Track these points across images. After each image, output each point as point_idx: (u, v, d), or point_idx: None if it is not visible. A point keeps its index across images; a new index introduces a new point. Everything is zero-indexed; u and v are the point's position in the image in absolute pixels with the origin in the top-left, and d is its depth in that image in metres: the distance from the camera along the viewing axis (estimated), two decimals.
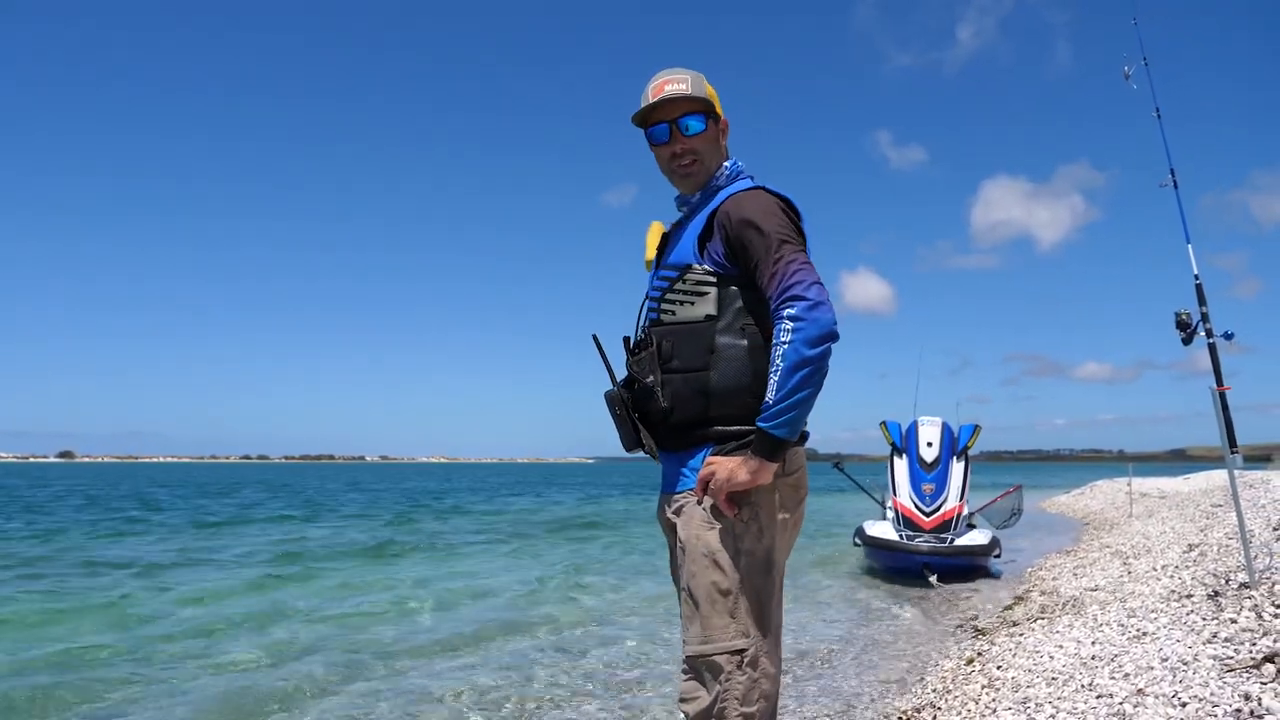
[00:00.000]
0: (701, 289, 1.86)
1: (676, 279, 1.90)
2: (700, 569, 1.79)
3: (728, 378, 1.82)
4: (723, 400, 1.82)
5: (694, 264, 1.88)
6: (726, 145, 2.07)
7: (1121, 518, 16.33)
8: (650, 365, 1.88)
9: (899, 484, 10.68)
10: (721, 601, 1.77)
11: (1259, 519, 7.72)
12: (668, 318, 1.91)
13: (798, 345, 1.67)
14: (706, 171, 2.01)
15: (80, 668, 5.84)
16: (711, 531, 1.80)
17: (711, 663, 1.76)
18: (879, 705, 4.76)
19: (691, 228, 1.95)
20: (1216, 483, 20.55)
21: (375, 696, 5.05)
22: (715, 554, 1.79)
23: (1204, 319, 4.88)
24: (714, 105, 2.01)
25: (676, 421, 1.87)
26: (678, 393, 1.85)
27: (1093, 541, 12.53)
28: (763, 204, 1.84)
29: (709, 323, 1.84)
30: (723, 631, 1.76)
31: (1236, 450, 4.76)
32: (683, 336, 1.86)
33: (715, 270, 1.86)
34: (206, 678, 5.54)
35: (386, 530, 18.26)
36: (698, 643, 1.77)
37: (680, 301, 1.88)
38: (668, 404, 1.86)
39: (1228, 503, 12.01)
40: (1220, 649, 3.67)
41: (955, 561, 9.78)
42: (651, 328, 1.94)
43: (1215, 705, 2.99)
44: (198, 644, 6.58)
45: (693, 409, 1.84)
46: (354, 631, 7.08)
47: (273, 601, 8.66)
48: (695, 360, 1.84)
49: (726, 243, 1.85)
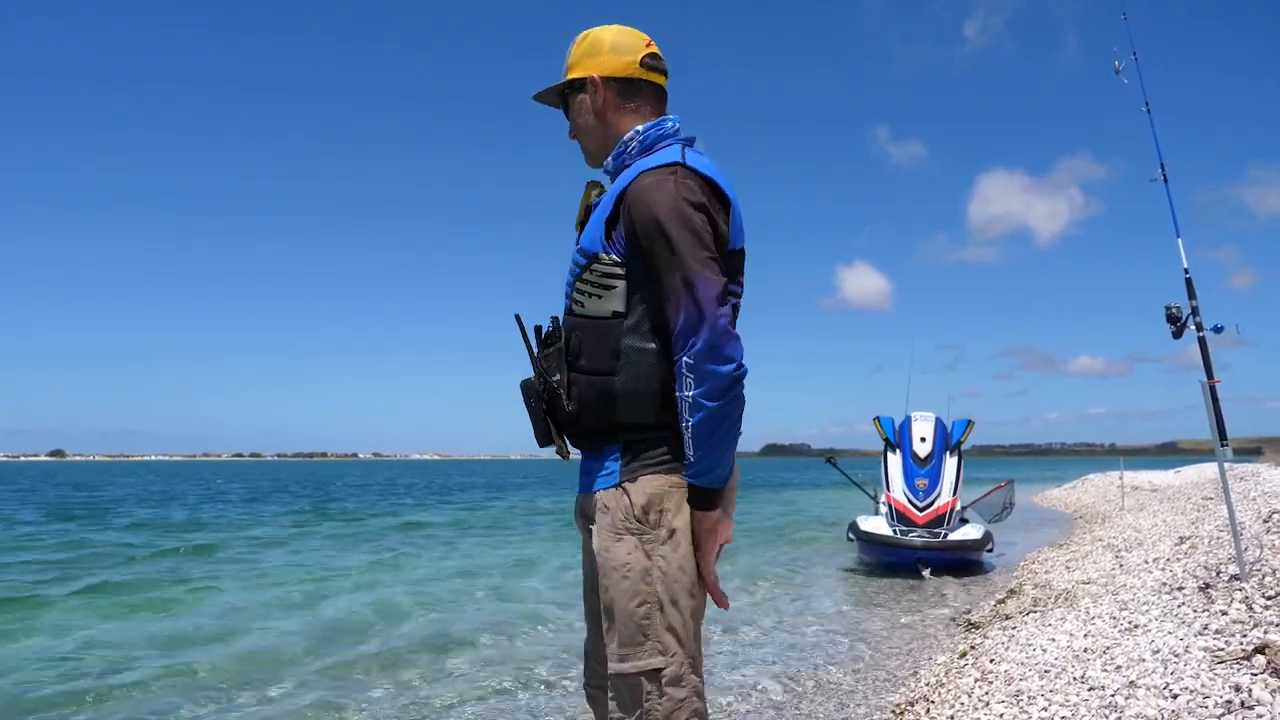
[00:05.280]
0: (609, 282, 1.69)
1: (586, 267, 1.72)
2: (612, 582, 1.65)
3: (633, 382, 1.66)
4: (627, 406, 1.67)
5: (601, 253, 1.69)
6: (642, 106, 1.81)
7: (1113, 511, 16.41)
8: (558, 363, 1.73)
9: (892, 479, 10.71)
10: (633, 616, 1.63)
11: (1249, 511, 7.77)
12: (578, 309, 1.74)
13: (701, 400, 1.56)
14: (589, 149, 1.85)
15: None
16: (621, 543, 1.65)
17: (630, 682, 1.63)
18: (873, 699, 4.78)
19: (600, 209, 1.74)
20: (1207, 476, 20.65)
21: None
22: (625, 567, 1.64)
23: (1194, 312, 4.90)
24: (574, 73, 1.82)
25: (584, 426, 1.73)
26: (583, 395, 1.70)
27: (1084, 535, 12.59)
28: (670, 200, 1.60)
29: (616, 320, 1.68)
30: (637, 650, 1.62)
31: (1227, 443, 4.79)
32: (590, 333, 1.71)
33: (623, 261, 1.68)
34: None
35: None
36: (615, 661, 1.65)
37: (589, 293, 1.71)
38: (573, 408, 1.71)
39: (1218, 495, 12.07)
40: (1211, 641, 3.69)
41: (948, 556, 9.82)
42: (565, 317, 1.78)
43: (1206, 697, 3.01)
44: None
45: (597, 414, 1.70)
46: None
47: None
48: (601, 362, 1.68)
49: (630, 235, 1.66)
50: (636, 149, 1.78)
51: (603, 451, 1.72)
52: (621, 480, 1.68)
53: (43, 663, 6.00)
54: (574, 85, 1.83)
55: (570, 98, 1.84)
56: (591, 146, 1.84)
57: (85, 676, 5.58)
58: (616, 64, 1.79)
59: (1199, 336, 4.87)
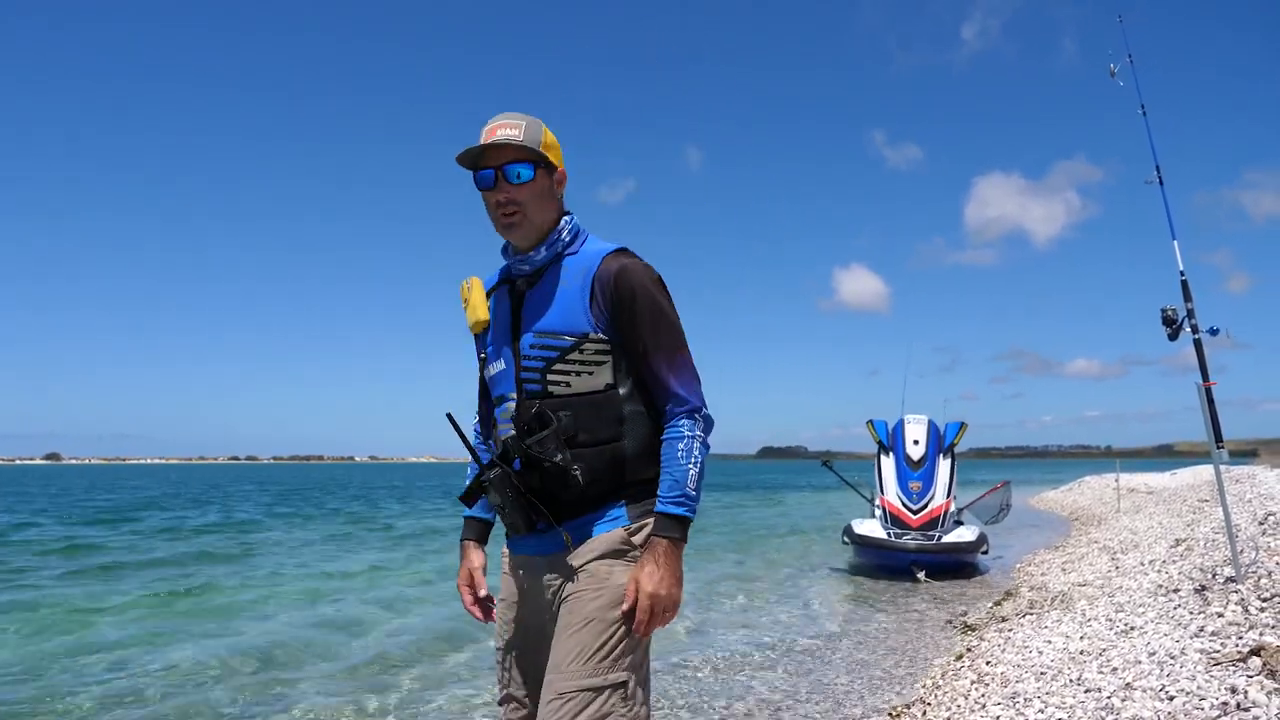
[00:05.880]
0: (600, 358, 1.80)
1: (570, 348, 1.79)
2: (606, 602, 1.75)
3: (639, 444, 1.81)
4: (635, 465, 1.81)
5: (591, 332, 1.79)
6: (563, 198, 1.93)
7: (1109, 513, 16.44)
8: (556, 444, 1.75)
9: (886, 482, 10.73)
10: (616, 635, 1.74)
11: (1245, 514, 7.78)
12: (560, 390, 1.79)
13: (705, 439, 1.81)
14: (532, 224, 1.85)
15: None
16: (628, 569, 1.78)
17: (598, 690, 1.70)
18: (869, 701, 4.77)
19: (570, 292, 1.82)
20: (1203, 478, 20.70)
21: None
22: (621, 588, 1.76)
23: (1190, 315, 4.91)
24: (548, 156, 1.86)
25: (592, 495, 1.80)
26: (593, 467, 1.78)
27: (1081, 537, 12.61)
28: (652, 280, 1.83)
29: (610, 391, 1.80)
30: (614, 665, 1.72)
31: (1223, 445, 4.79)
32: (586, 409, 1.79)
33: (610, 338, 1.80)
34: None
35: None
36: (586, 675, 1.71)
37: (577, 372, 1.79)
38: (586, 480, 1.77)
39: (1214, 498, 12.10)
40: (1207, 643, 3.69)
41: (943, 558, 9.82)
42: (540, 401, 1.80)
43: (1202, 699, 3.01)
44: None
45: (609, 479, 1.80)
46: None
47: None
48: (606, 432, 1.79)
49: (613, 310, 1.79)
50: (567, 236, 1.89)
51: (602, 508, 1.82)
52: (632, 522, 1.81)
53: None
54: (548, 165, 1.87)
55: (541, 172, 1.86)
56: (541, 227, 1.87)
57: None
58: (562, 167, 1.92)
59: (1195, 339, 4.88)
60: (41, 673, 5.80)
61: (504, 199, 1.82)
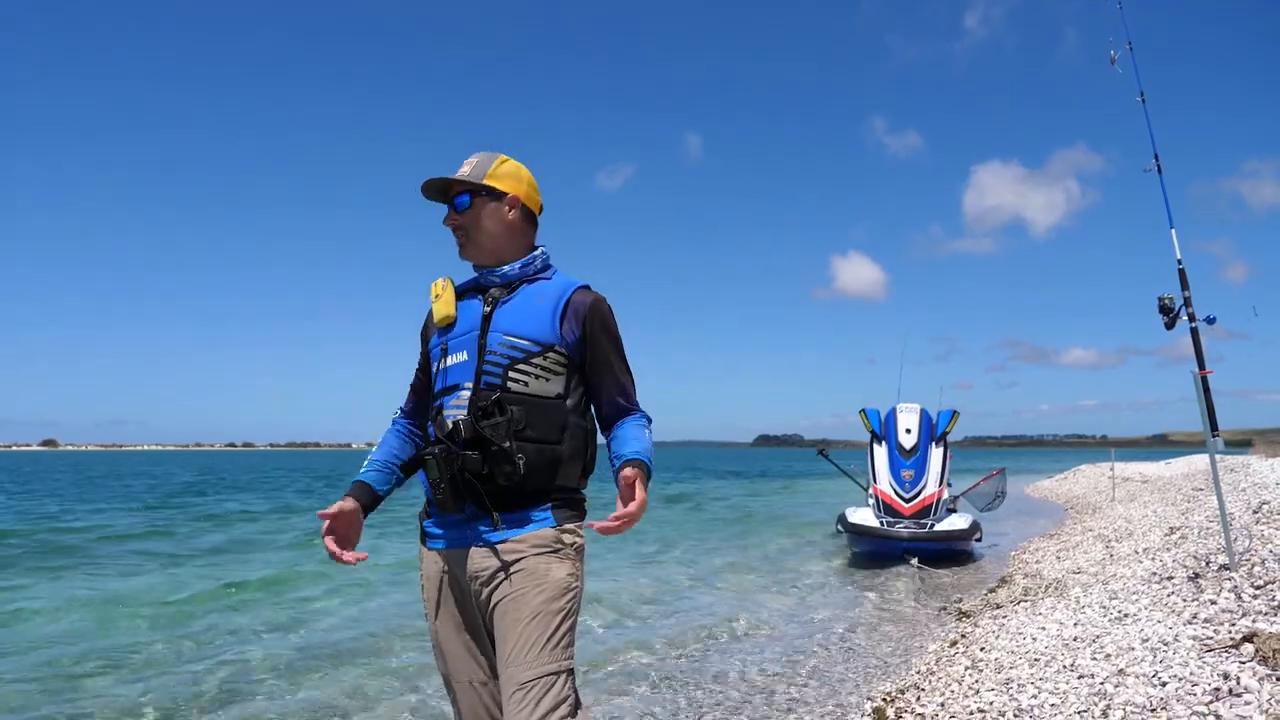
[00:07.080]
0: (557, 369, 2.03)
1: (536, 353, 2.02)
2: (550, 595, 1.94)
3: (574, 452, 2.03)
4: (566, 470, 2.02)
5: (556, 344, 2.03)
6: (526, 222, 2.17)
7: (1104, 502, 16.49)
8: (506, 432, 1.95)
9: (879, 471, 10.76)
10: (562, 626, 1.94)
11: (1239, 502, 7.80)
12: (517, 387, 2.00)
13: (650, 431, 2.14)
14: (476, 244, 2.12)
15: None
16: (562, 565, 1.98)
17: (553, 680, 1.89)
18: (864, 687, 4.79)
19: (542, 307, 2.07)
20: (1198, 467, 20.79)
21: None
22: (560, 583, 1.96)
23: (1186, 303, 4.91)
24: (494, 185, 2.10)
25: (528, 488, 1.98)
26: (531, 461, 1.96)
27: (1075, 525, 12.65)
28: (610, 314, 2.12)
29: (559, 400, 2.03)
30: (565, 651, 1.93)
31: (1218, 434, 4.80)
32: (536, 410, 2.00)
33: (569, 355, 2.05)
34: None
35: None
36: (543, 663, 1.89)
37: (536, 375, 2.01)
38: (523, 470, 1.96)
39: (1208, 486, 12.15)
40: (1200, 629, 3.71)
41: (936, 546, 9.86)
42: (499, 393, 2.00)
43: (1195, 684, 3.02)
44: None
45: (543, 477, 1.99)
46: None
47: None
48: (550, 434, 2.00)
49: (581, 338, 2.06)
50: (539, 264, 2.16)
51: (528, 509, 1.99)
52: (559, 524, 2.00)
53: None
54: (493, 193, 2.11)
55: (479, 200, 2.11)
56: (488, 246, 2.13)
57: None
58: (533, 199, 2.19)
59: (1191, 327, 4.88)
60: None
61: (451, 224, 2.14)
